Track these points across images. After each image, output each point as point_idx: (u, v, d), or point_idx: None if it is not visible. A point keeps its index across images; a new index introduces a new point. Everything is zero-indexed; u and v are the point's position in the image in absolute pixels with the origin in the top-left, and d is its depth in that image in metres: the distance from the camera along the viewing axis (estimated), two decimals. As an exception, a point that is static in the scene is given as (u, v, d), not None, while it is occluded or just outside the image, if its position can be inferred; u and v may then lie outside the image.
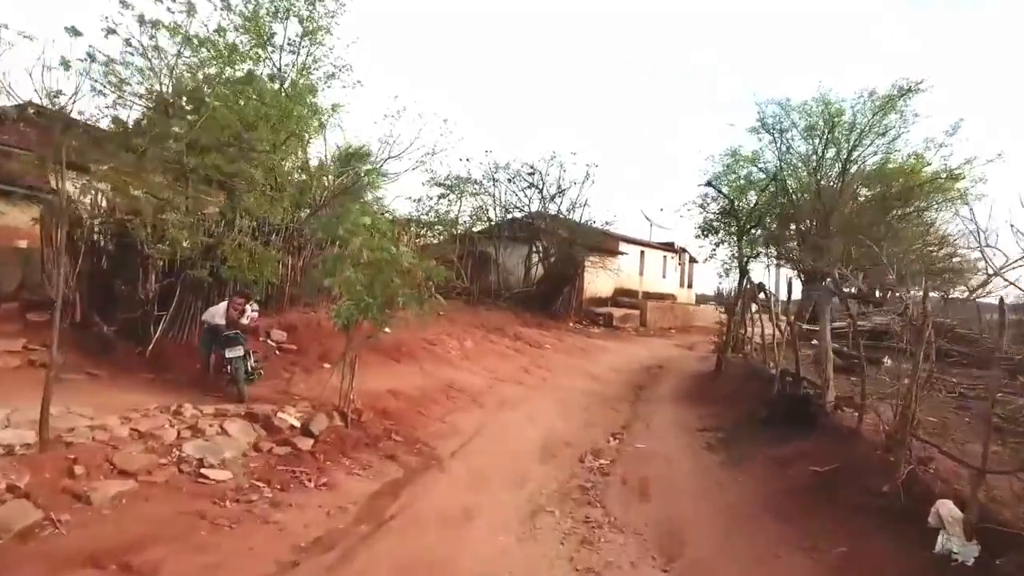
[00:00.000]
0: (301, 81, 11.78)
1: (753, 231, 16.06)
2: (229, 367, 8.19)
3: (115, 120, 9.74)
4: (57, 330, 5.65)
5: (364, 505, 6.06)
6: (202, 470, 6.20)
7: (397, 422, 8.60)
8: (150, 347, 9.28)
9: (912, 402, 5.63)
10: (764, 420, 8.82)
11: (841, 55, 75.75)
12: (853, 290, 12.86)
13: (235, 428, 7.22)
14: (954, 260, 22.10)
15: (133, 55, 9.31)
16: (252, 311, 8.81)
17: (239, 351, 8.14)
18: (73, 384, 7.78)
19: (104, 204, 9.58)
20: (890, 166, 21.48)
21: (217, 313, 8.51)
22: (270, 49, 11.80)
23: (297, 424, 7.69)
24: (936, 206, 21.28)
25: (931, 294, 7.34)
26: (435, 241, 22.16)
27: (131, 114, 10.09)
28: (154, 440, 6.50)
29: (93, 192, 9.23)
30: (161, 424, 6.90)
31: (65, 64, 8.01)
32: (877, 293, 18.33)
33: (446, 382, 10.99)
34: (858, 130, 20.65)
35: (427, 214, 22.13)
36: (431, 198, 22.42)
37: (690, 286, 39.93)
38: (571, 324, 22.02)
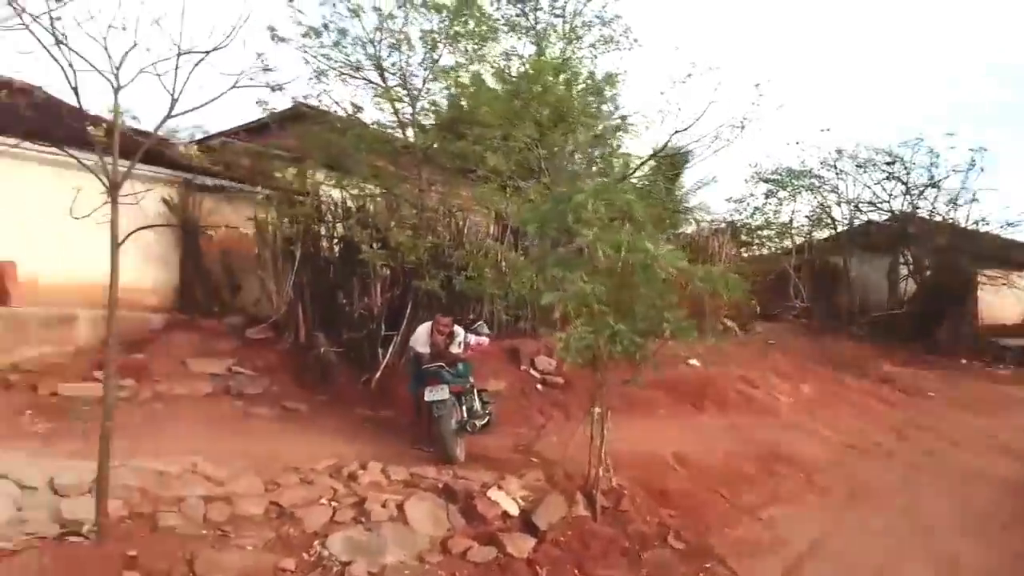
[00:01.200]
0: (568, 49, 9.23)
1: None
2: (433, 413, 5.78)
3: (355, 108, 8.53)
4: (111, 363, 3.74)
5: None
6: (339, 589, 3.83)
7: (681, 513, 5.43)
8: (376, 375, 7.52)
9: None
10: None
11: None
12: None
13: (419, 511, 4.75)
14: None
15: (344, 18, 7.94)
16: (475, 338, 6.34)
17: (441, 392, 5.64)
18: (257, 423, 6.30)
19: (334, 201, 8.23)
20: None
21: (420, 339, 6.20)
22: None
23: (515, 510, 4.96)
24: None
25: None
26: (763, 251, 17.89)
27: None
28: (292, 524, 4.36)
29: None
30: (317, 496, 4.76)
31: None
32: None
33: (767, 447, 7.19)
34: None
35: (751, 217, 17.97)
36: (754, 196, 18.21)
37: None
38: (962, 361, 15.67)
